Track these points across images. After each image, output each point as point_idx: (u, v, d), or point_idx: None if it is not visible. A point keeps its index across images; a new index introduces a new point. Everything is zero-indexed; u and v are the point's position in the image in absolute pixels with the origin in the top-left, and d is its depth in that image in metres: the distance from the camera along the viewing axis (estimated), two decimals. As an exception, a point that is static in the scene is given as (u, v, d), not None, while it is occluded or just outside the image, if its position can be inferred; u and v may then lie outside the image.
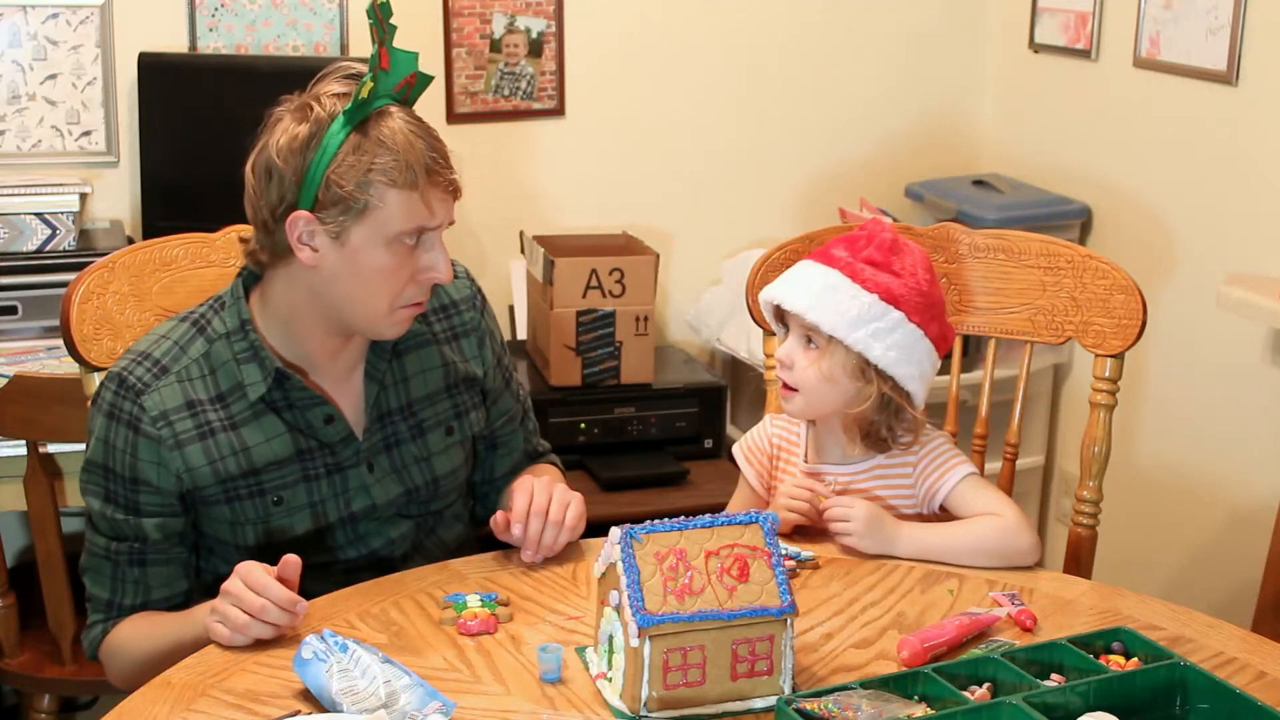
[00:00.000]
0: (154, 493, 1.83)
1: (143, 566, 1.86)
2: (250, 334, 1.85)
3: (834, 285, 1.91)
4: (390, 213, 1.76)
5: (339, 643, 1.56)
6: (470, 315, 2.04)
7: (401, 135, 1.76)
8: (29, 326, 2.80)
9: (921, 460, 1.99)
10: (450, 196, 1.82)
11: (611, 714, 1.56)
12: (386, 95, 1.78)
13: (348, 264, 1.78)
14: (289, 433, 1.87)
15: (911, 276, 1.93)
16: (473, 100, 3.32)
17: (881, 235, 1.94)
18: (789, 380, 1.95)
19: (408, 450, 1.95)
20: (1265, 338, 2.91)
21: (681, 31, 3.45)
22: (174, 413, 1.82)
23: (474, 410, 2.02)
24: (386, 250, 1.77)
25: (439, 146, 1.80)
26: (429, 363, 1.98)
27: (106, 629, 1.88)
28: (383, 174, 1.75)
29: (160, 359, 1.85)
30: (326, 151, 1.75)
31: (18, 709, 2.76)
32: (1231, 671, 1.64)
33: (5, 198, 2.85)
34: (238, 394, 1.85)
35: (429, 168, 1.77)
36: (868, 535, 1.91)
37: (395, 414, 1.94)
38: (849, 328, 1.89)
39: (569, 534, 1.89)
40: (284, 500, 1.87)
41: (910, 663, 1.63)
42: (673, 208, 3.52)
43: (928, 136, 3.67)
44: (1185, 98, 3.05)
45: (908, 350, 1.91)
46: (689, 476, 3.10)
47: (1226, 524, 3.05)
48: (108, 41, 3.06)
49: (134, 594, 1.87)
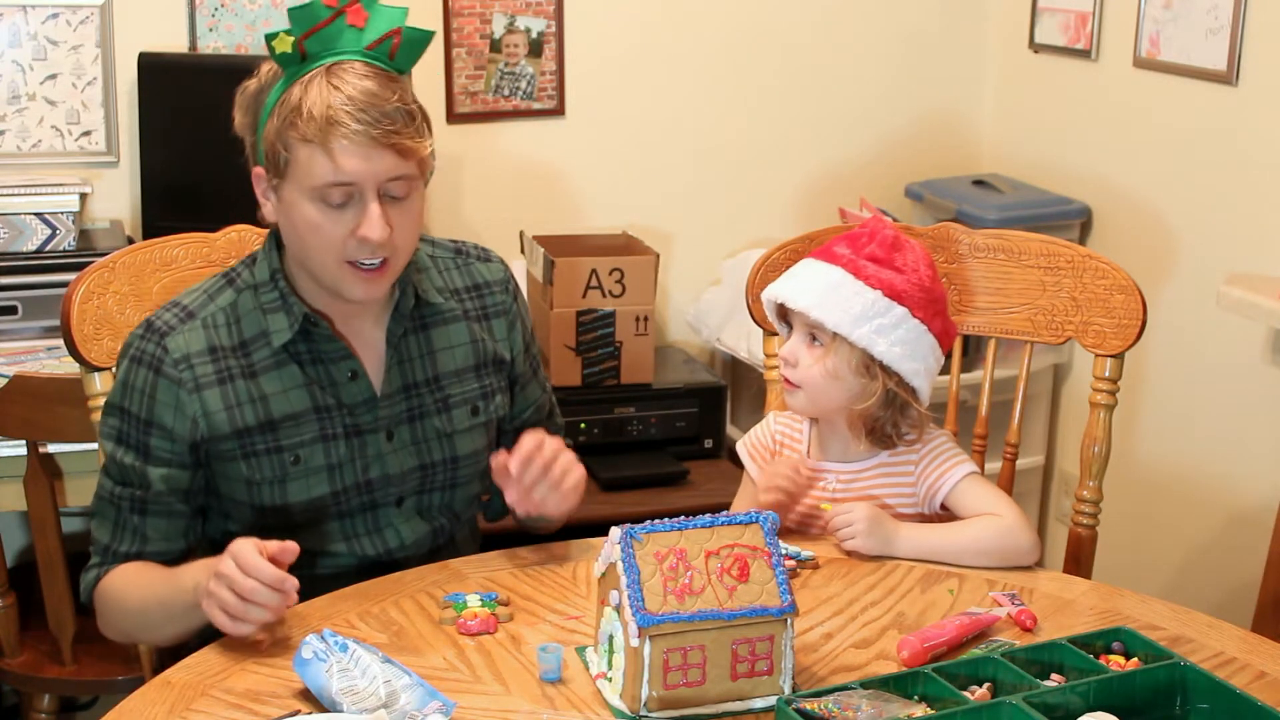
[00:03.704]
0: (166, 437, 1.82)
1: (143, 515, 1.85)
2: (280, 283, 1.86)
3: (837, 282, 1.91)
4: (302, 168, 1.75)
5: (339, 643, 1.56)
6: (503, 298, 2.03)
7: (317, 88, 1.74)
8: (29, 326, 2.80)
9: (923, 458, 1.99)
10: (376, 151, 1.73)
11: (611, 714, 1.56)
12: (354, 51, 1.77)
13: (285, 219, 1.81)
14: (307, 386, 1.86)
15: (914, 272, 1.93)
16: (473, 100, 3.32)
17: (883, 232, 1.95)
18: (793, 377, 1.95)
19: (430, 424, 1.94)
20: (1265, 338, 2.91)
21: (681, 31, 3.45)
22: (196, 356, 1.83)
23: (500, 394, 2.01)
24: (311, 206, 1.77)
25: (370, 101, 1.73)
26: (458, 338, 1.97)
27: (101, 574, 1.88)
28: (293, 128, 1.74)
29: (188, 306, 1.87)
30: (265, 108, 1.78)
31: (18, 709, 2.76)
32: (1231, 671, 1.64)
33: (5, 198, 2.85)
34: (260, 342, 1.85)
35: (331, 120, 1.72)
36: (870, 536, 1.91)
37: (421, 386, 1.93)
38: (853, 324, 1.90)
39: (559, 498, 1.86)
40: (301, 459, 1.86)
41: (910, 663, 1.63)
42: (673, 208, 3.51)
43: (928, 136, 3.67)
44: (1185, 98, 3.05)
45: (912, 346, 1.92)
46: (689, 476, 3.10)
47: (1226, 524, 3.05)
48: (108, 41, 3.06)
49: (130, 541, 1.86)
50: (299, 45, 1.75)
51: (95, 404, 1.97)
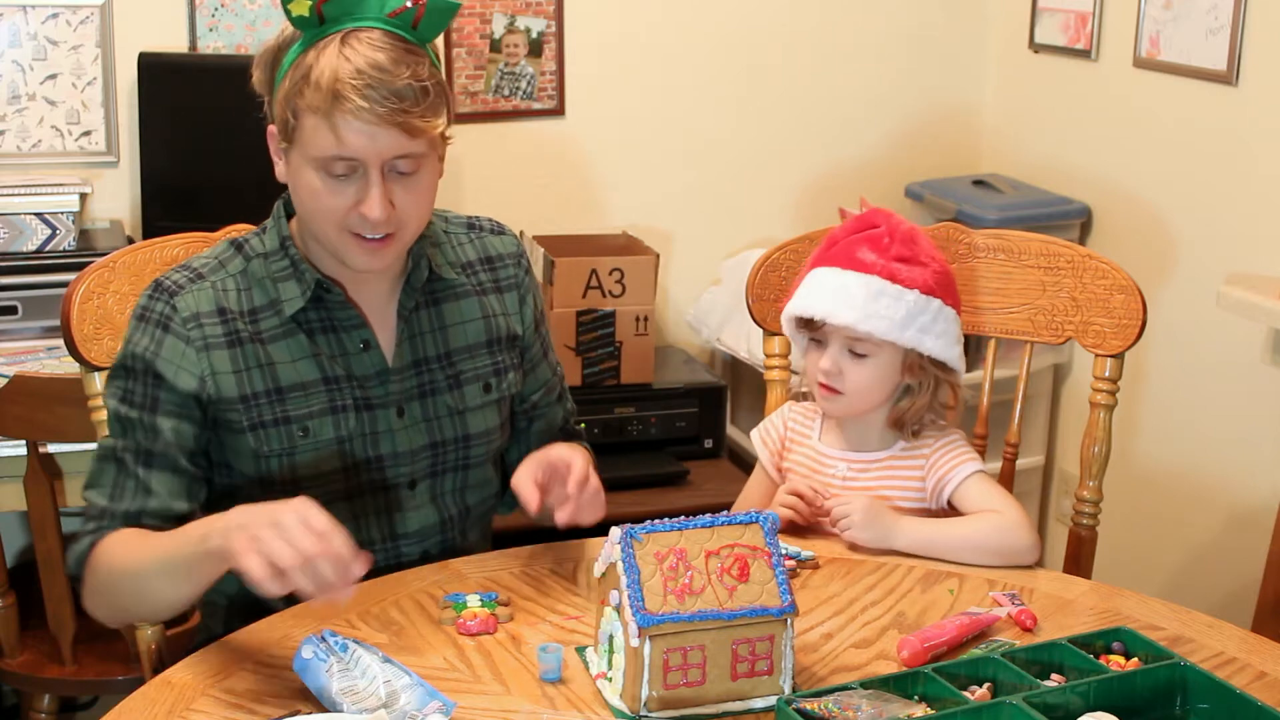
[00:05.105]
0: (172, 391, 1.79)
1: (148, 468, 1.79)
2: (291, 250, 1.85)
3: (877, 291, 1.92)
4: (307, 136, 1.73)
5: (339, 643, 1.56)
6: (515, 271, 2.01)
7: (330, 58, 1.70)
8: (29, 326, 2.80)
9: (935, 453, 2.00)
10: (380, 128, 1.70)
11: (611, 714, 1.56)
12: (374, 18, 1.72)
13: (293, 182, 1.80)
14: (316, 357, 1.84)
15: (935, 261, 1.98)
16: (473, 100, 3.32)
17: (900, 228, 1.96)
18: (838, 386, 1.96)
19: (442, 401, 1.91)
20: (1265, 338, 2.91)
21: (681, 31, 3.45)
22: (205, 316, 1.81)
23: (513, 370, 1.99)
24: (315, 174, 1.75)
25: (380, 76, 1.68)
26: (469, 314, 1.95)
27: (96, 539, 1.76)
28: (300, 95, 1.72)
29: (198, 268, 1.85)
30: (281, 69, 1.76)
31: (18, 709, 2.76)
32: (1231, 671, 1.64)
33: (5, 198, 2.85)
34: (270, 311, 1.84)
35: (336, 93, 1.68)
36: (866, 527, 1.92)
37: (433, 361, 1.91)
38: (900, 329, 1.92)
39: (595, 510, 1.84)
40: (310, 431, 1.83)
41: (910, 663, 1.63)
42: (673, 208, 3.52)
43: (928, 136, 3.67)
44: (1185, 98, 3.05)
45: (951, 332, 1.96)
46: (689, 476, 3.10)
47: (1226, 524, 3.05)
48: (108, 41, 3.06)
49: (132, 498, 1.77)
50: (317, 8, 1.71)
51: (95, 404, 1.97)
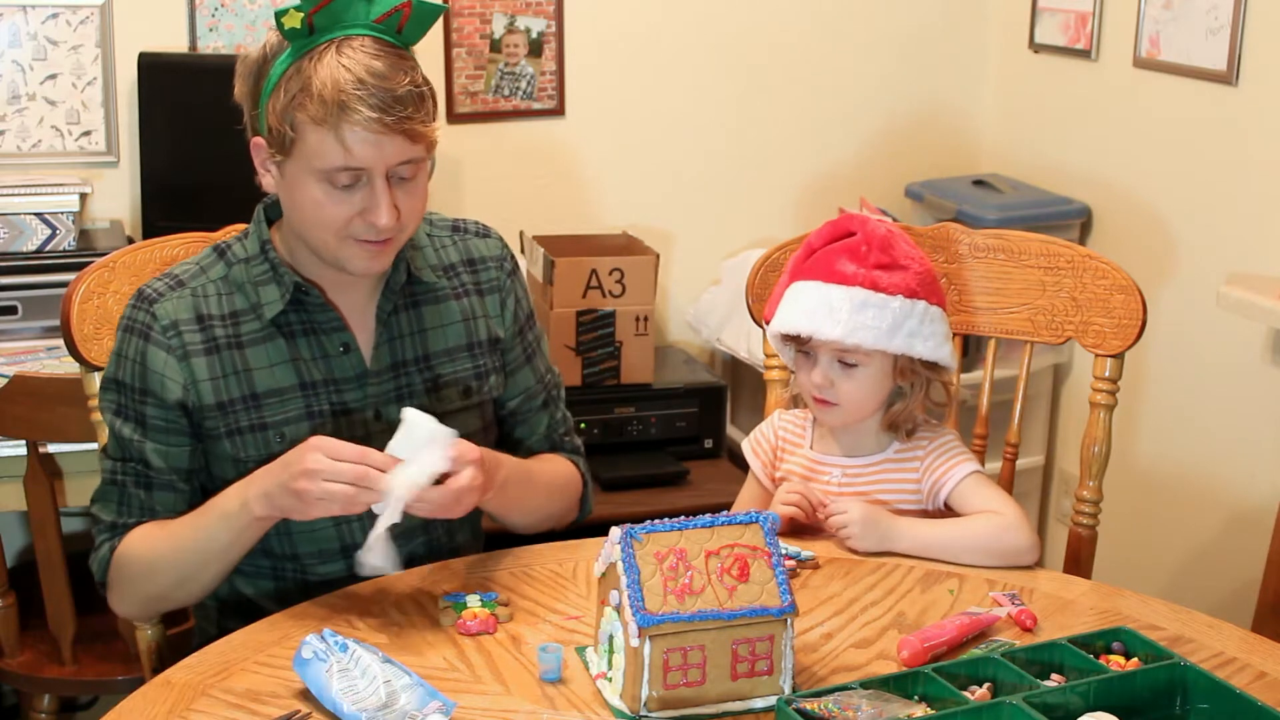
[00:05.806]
0: (159, 405, 1.81)
1: (148, 490, 1.84)
2: (270, 254, 1.85)
3: (861, 302, 1.91)
4: (310, 150, 1.72)
5: (339, 643, 1.56)
6: (497, 274, 2.00)
7: (328, 68, 1.70)
8: (29, 326, 2.80)
9: (930, 454, 1.99)
10: (387, 137, 1.71)
11: (611, 714, 1.56)
12: (361, 25, 1.73)
13: (288, 194, 1.79)
14: (294, 362, 1.85)
15: (914, 261, 1.96)
16: (473, 100, 3.32)
17: (876, 234, 1.94)
18: (832, 398, 1.95)
19: (419, 405, 1.87)
20: (1265, 338, 2.91)
21: (681, 31, 3.45)
22: (184, 324, 1.82)
23: (495, 374, 1.98)
24: (317, 186, 1.74)
25: (381, 85, 1.69)
26: (449, 317, 1.95)
27: (114, 545, 1.84)
28: (301, 109, 1.71)
29: (179, 275, 1.87)
30: (270, 80, 1.75)
31: (18, 709, 2.76)
32: (1231, 671, 1.64)
33: (5, 198, 2.85)
34: (250, 315, 1.84)
35: (343, 105, 1.68)
36: (865, 536, 1.92)
37: (410, 365, 1.91)
38: (889, 337, 1.91)
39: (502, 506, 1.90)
40: (286, 437, 1.83)
41: (910, 663, 1.63)
42: (673, 208, 3.52)
43: (928, 136, 3.67)
44: (1185, 98, 3.05)
45: (938, 332, 1.95)
46: (689, 476, 3.10)
47: (1226, 524, 3.05)
48: (108, 41, 3.06)
49: (140, 511, 1.84)
50: (308, 20, 1.71)
51: (95, 404, 1.97)
